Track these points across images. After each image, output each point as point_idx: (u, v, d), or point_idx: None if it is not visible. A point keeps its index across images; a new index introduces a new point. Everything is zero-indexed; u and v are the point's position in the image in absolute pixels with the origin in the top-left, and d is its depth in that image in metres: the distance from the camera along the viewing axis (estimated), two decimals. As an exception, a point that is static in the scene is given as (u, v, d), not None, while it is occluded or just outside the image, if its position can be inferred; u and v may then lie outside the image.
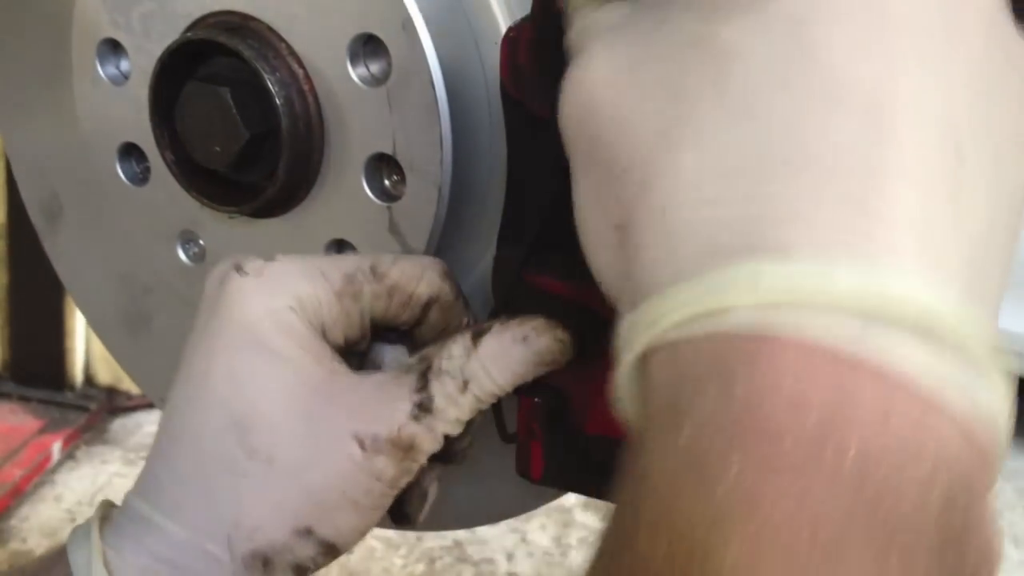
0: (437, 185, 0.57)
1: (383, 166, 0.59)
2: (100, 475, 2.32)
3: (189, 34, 0.60)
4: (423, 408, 0.50)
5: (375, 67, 0.57)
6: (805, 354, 0.30)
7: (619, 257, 0.37)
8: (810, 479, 0.30)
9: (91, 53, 0.66)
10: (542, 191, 0.51)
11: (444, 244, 0.59)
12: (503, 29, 0.53)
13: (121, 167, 0.67)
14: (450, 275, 0.55)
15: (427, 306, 0.54)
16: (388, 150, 0.57)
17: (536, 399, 0.53)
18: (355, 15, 0.56)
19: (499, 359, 0.50)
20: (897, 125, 0.32)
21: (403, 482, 0.51)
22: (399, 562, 2.04)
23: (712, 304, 0.32)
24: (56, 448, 2.39)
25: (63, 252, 0.77)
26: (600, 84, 0.37)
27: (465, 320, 0.56)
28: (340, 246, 0.61)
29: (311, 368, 0.50)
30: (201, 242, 0.66)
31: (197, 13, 0.61)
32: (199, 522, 0.50)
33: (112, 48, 0.66)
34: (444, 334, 0.54)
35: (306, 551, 0.50)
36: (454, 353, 0.51)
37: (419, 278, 0.54)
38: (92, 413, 2.51)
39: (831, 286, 0.31)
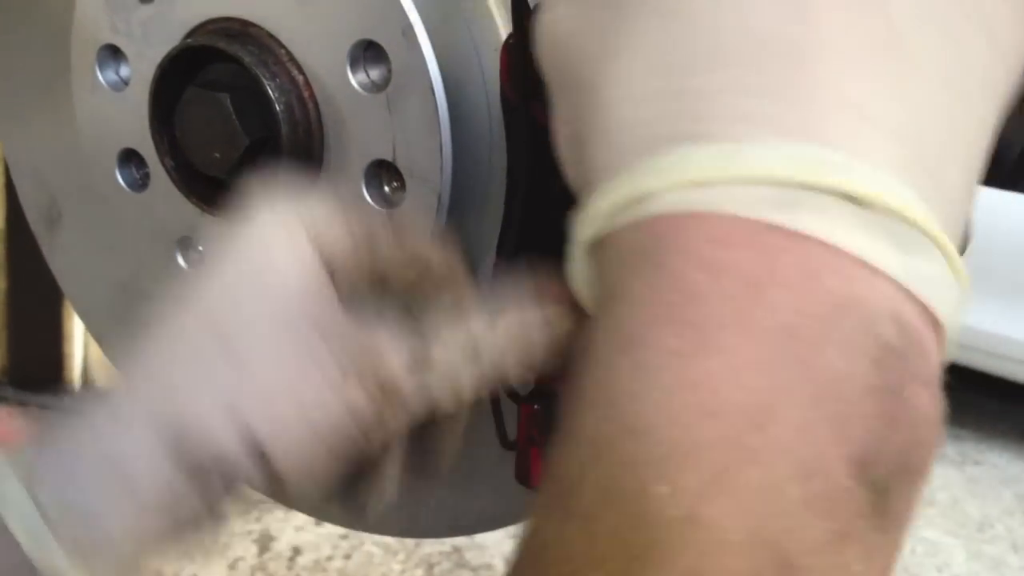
0: (437, 192, 0.57)
1: (383, 172, 0.59)
2: (98, 480, 2.32)
3: (189, 40, 0.60)
4: (417, 357, 0.48)
5: (375, 73, 0.57)
6: (726, 224, 0.31)
7: (580, 172, 0.38)
8: (737, 341, 0.30)
9: (91, 59, 0.66)
10: (542, 196, 0.51)
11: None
12: (503, 36, 0.53)
13: (120, 173, 0.67)
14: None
15: (442, 283, 0.51)
16: (388, 156, 0.57)
17: (536, 406, 0.53)
18: (355, 22, 0.56)
19: (517, 344, 0.48)
20: (818, 8, 0.32)
21: (372, 435, 0.48)
22: (397, 568, 2.04)
23: (640, 191, 0.33)
24: (54, 453, 2.39)
25: (62, 258, 0.77)
26: (561, 19, 0.39)
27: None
28: (340, 252, 0.61)
29: (311, 295, 0.48)
30: (200, 248, 0.66)
31: (197, 19, 0.61)
32: (144, 408, 0.46)
33: (112, 54, 0.66)
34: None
35: (251, 471, 0.46)
36: (472, 326, 0.48)
37: (439, 250, 0.51)
38: (90, 418, 2.51)
39: (749, 161, 0.31)
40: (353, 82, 0.57)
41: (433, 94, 0.55)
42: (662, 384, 0.30)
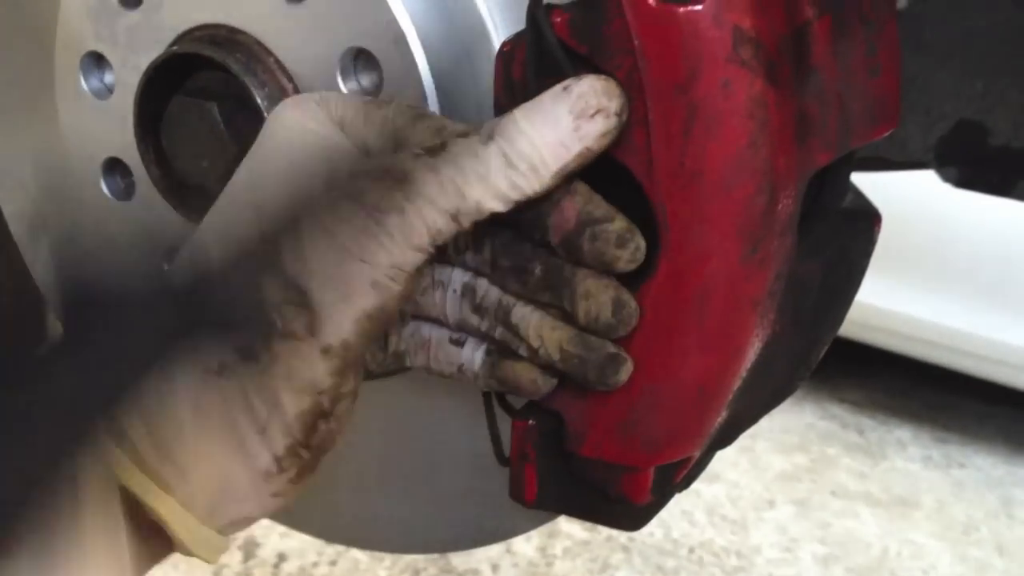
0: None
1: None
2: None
3: (175, 48, 0.59)
4: (430, 150, 0.45)
5: (366, 81, 0.56)
6: None
7: None
8: None
9: (74, 66, 0.64)
10: None
11: (436, 261, 0.58)
12: (495, 44, 0.52)
13: (105, 182, 0.66)
14: None
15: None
16: (379, 166, 0.56)
17: (531, 421, 0.52)
18: (346, 29, 0.55)
19: (536, 113, 0.45)
20: None
21: (391, 222, 0.44)
22: (383, 574, 2.02)
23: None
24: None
25: (46, 267, 0.76)
26: None
27: None
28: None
29: (330, 155, 0.48)
30: (187, 259, 0.65)
31: (183, 26, 0.60)
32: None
33: (96, 61, 0.64)
34: None
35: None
36: (484, 123, 0.46)
37: (452, 118, 0.50)
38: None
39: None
40: (344, 90, 0.56)
41: (425, 102, 0.54)
42: None
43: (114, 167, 0.66)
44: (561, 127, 0.45)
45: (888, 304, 2.56)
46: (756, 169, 0.46)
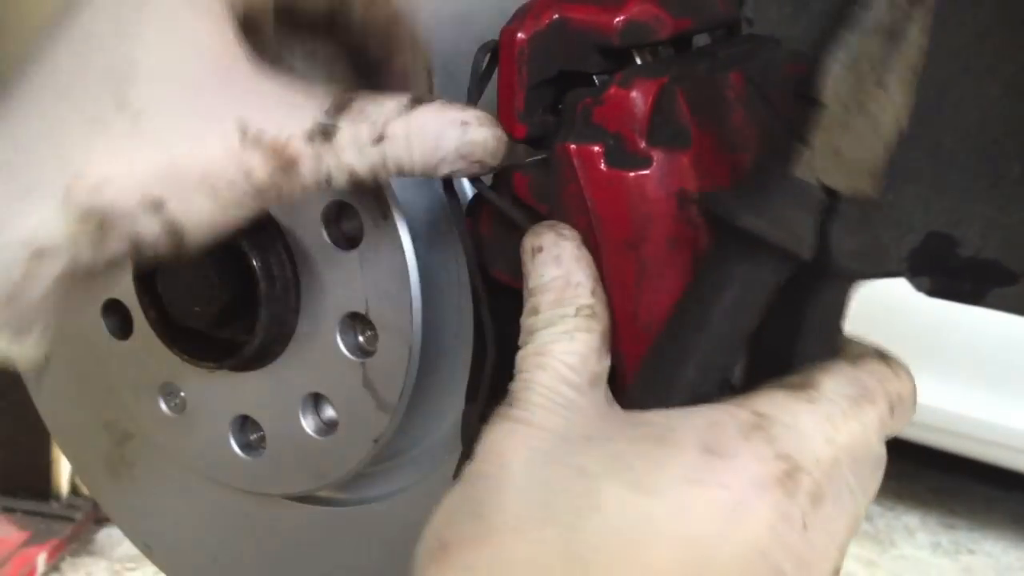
0: (408, 343, 0.59)
1: (356, 323, 0.61)
2: (85, 588, 2.30)
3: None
4: (324, 133, 0.46)
5: (348, 231, 0.60)
6: None
7: None
8: None
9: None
10: (503, 350, 0.53)
11: (417, 396, 0.61)
12: (468, 196, 0.56)
13: (105, 322, 0.69)
14: None
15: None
16: (361, 309, 0.60)
17: None
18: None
19: (428, 133, 0.47)
20: None
21: (269, 197, 0.46)
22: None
23: None
24: (41, 560, 2.37)
25: (48, 398, 0.79)
26: None
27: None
28: (317, 399, 0.63)
29: (207, 36, 0.46)
30: (182, 394, 0.68)
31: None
32: (37, 171, 0.44)
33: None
34: (385, 55, 0.51)
35: (151, 225, 0.45)
36: (385, 106, 0.47)
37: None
38: (78, 523, 2.49)
39: None
40: (327, 240, 0.60)
41: (403, 252, 0.58)
42: None
43: (113, 308, 0.69)
44: (444, 156, 0.48)
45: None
46: (706, 317, 0.49)
